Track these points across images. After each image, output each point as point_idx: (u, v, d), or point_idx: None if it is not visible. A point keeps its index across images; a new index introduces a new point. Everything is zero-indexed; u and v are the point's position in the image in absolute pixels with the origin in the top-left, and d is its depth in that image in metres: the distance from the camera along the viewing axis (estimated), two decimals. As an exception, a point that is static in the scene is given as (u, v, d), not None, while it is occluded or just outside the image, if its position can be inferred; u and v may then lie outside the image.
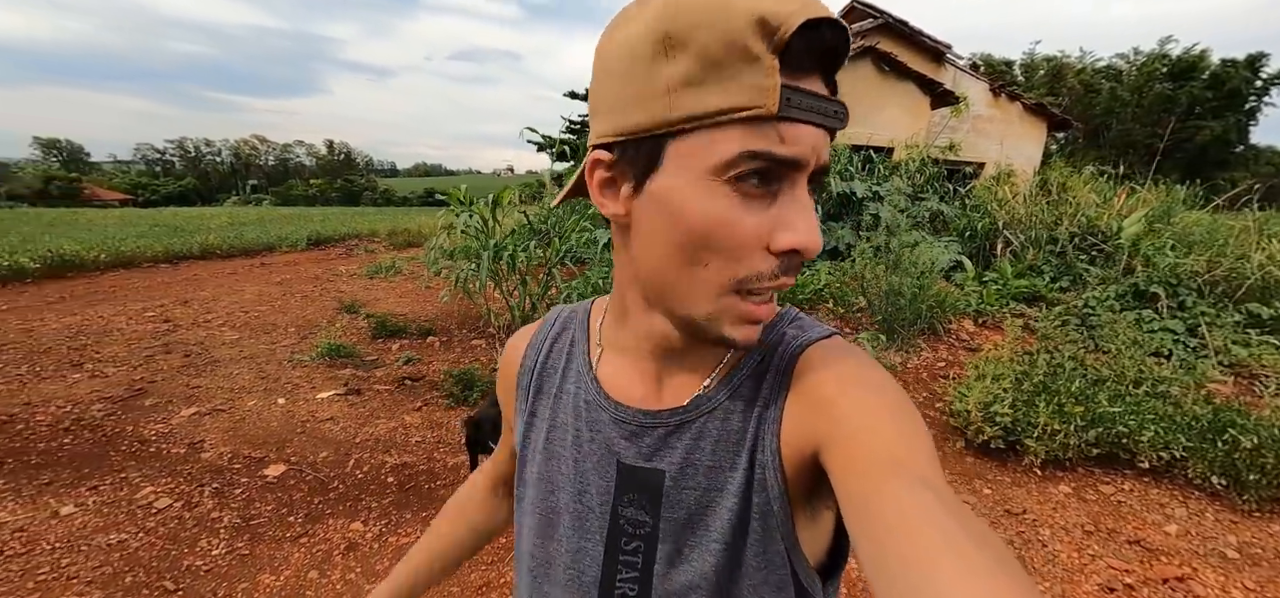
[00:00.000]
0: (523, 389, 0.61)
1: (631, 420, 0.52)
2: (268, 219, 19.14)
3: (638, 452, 0.51)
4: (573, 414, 0.56)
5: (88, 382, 4.07)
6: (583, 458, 0.54)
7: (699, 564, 0.48)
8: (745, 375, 0.50)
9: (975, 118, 10.38)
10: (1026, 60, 28.25)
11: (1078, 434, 3.01)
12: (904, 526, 0.33)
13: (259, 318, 5.92)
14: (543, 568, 0.56)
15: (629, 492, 0.51)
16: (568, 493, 0.55)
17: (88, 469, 2.92)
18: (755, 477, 0.47)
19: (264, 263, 10.02)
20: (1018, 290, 5.45)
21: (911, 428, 0.41)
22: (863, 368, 0.46)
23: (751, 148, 0.38)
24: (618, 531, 0.52)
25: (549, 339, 0.62)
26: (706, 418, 0.50)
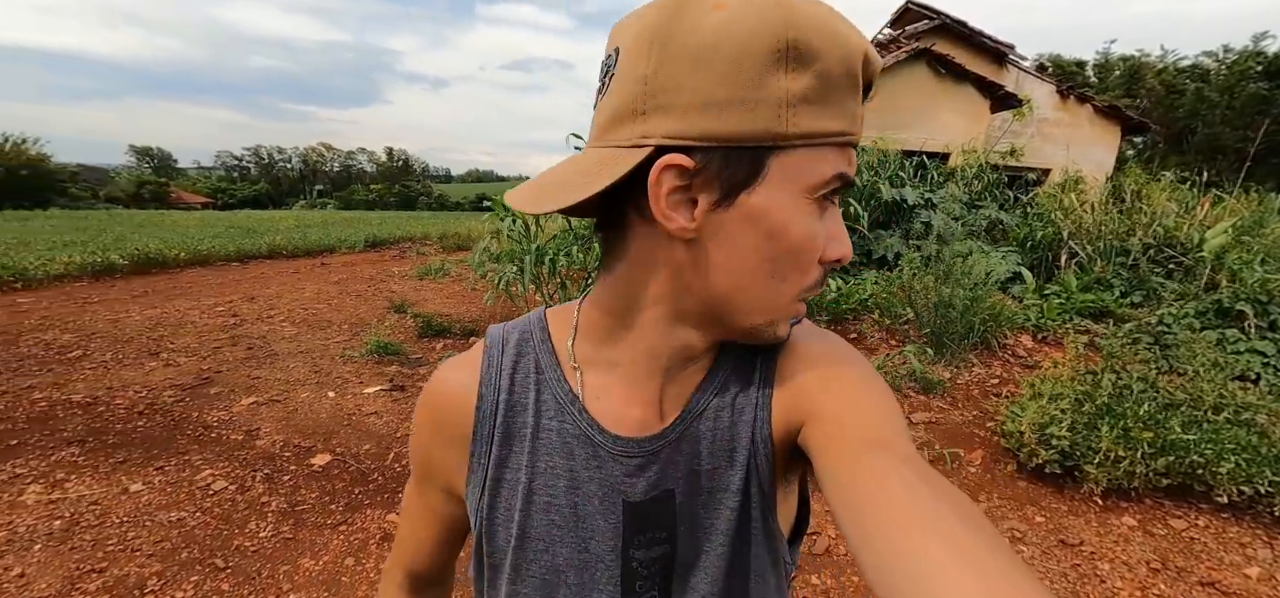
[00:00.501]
0: (483, 438, 0.50)
1: (636, 452, 0.47)
2: (330, 222, 20.20)
3: (647, 484, 0.47)
4: (563, 454, 0.48)
5: (162, 370, 4.39)
6: (583, 501, 0.48)
7: (712, 567, 0.48)
8: (728, 371, 0.50)
9: (1040, 121, 9.83)
10: (1100, 61, 26.55)
11: (1145, 462, 2.78)
12: (886, 499, 0.33)
13: (316, 315, 6.25)
14: None
15: (641, 532, 0.47)
16: (569, 546, 0.48)
17: (156, 450, 3.14)
18: (751, 466, 0.48)
19: (324, 263, 10.57)
20: (1083, 305, 5.10)
21: (887, 406, 0.42)
22: (835, 350, 0.48)
23: (841, 170, 0.41)
24: (631, 575, 0.48)
25: (506, 370, 0.51)
26: (699, 421, 0.49)
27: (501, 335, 0.53)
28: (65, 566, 2.23)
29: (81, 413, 3.58)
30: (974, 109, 9.02)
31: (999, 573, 0.28)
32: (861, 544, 0.33)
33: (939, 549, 0.29)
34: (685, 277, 0.43)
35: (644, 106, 0.39)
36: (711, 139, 0.38)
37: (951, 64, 8.76)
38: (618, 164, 0.40)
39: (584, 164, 0.42)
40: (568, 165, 0.44)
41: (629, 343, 0.47)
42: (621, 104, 0.40)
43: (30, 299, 6.62)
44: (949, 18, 9.99)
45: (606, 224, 0.47)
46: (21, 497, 2.67)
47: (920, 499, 0.33)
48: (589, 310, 0.50)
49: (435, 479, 0.55)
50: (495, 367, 0.51)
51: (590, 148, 0.44)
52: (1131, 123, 10.39)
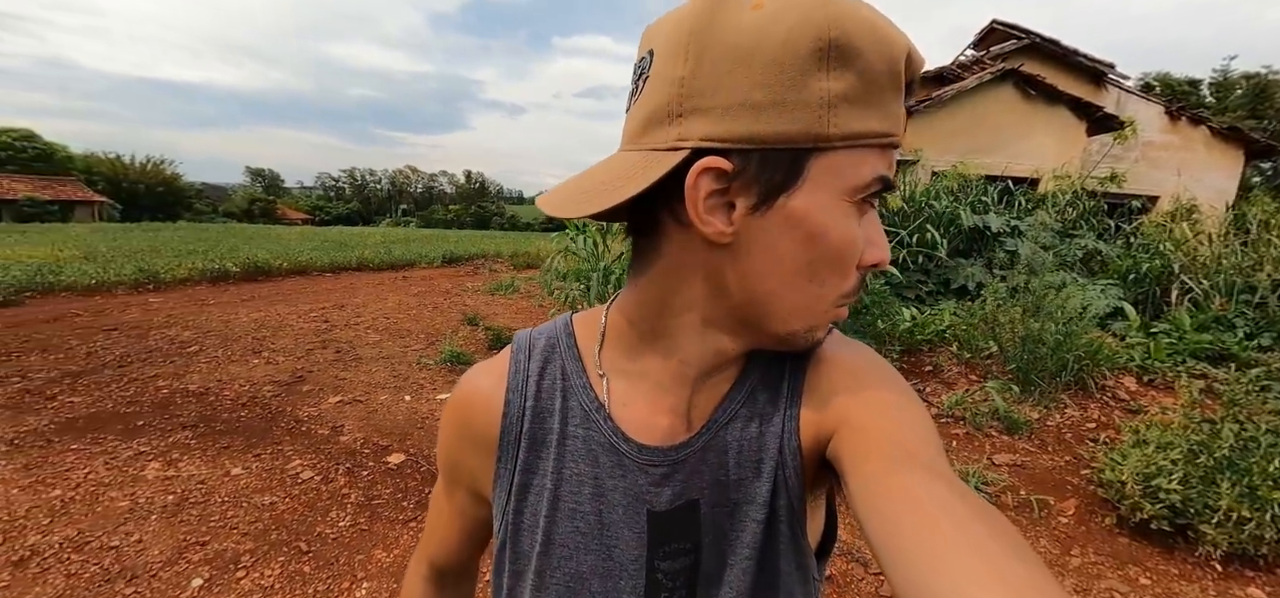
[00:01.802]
0: (509, 444, 0.50)
1: (661, 461, 0.47)
2: (412, 239, 21.53)
3: (672, 494, 0.47)
4: (588, 462, 0.48)
5: (263, 367, 4.82)
6: (608, 510, 0.48)
7: (737, 580, 0.46)
8: (756, 380, 0.49)
9: (1146, 145, 9.04)
10: (1218, 79, 24.08)
11: (1277, 527, 2.44)
12: (919, 517, 0.33)
13: (397, 324, 6.66)
14: None
15: (666, 543, 0.47)
16: (594, 554, 0.48)
17: (255, 439, 3.44)
18: (778, 478, 0.47)
19: (405, 276, 11.27)
20: (1198, 346, 4.58)
21: (920, 419, 0.41)
22: (864, 361, 0.47)
23: (881, 172, 0.40)
24: (655, 586, 0.47)
25: (532, 377, 0.51)
26: (726, 430, 0.47)
27: (528, 341, 0.53)
28: (175, 536, 2.48)
29: (195, 401, 3.99)
30: (1068, 132, 8.42)
31: None
32: (892, 564, 0.32)
33: (977, 573, 0.28)
34: (721, 282, 0.43)
35: (680, 108, 0.38)
36: (750, 141, 0.37)
37: (1042, 85, 8.24)
38: (654, 167, 0.39)
39: (619, 167, 0.41)
40: (602, 168, 0.43)
41: (659, 351, 0.47)
42: (657, 106, 0.39)
43: (159, 299, 7.48)
44: (1039, 36, 9.43)
45: (639, 229, 0.45)
46: (143, 472, 3.00)
47: (956, 519, 0.31)
48: (616, 317, 0.49)
49: (462, 481, 0.55)
50: (522, 373, 0.52)
51: (624, 151, 0.43)
52: (1257, 146, 9.33)
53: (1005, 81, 8.30)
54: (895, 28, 0.38)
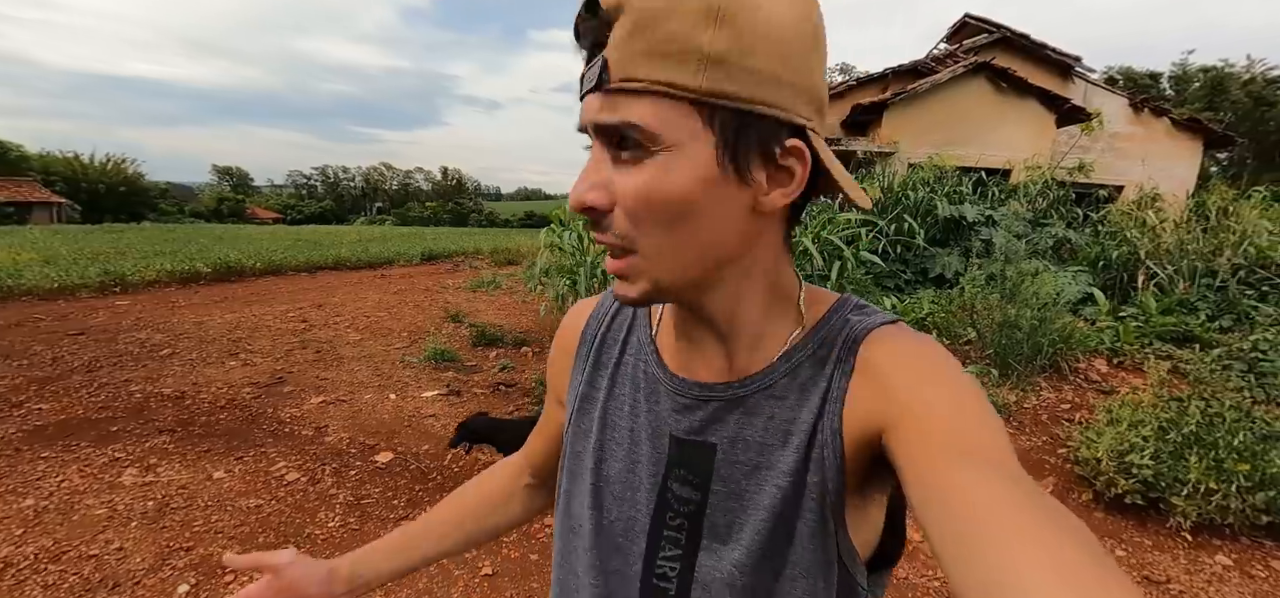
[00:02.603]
0: (582, 358, 0.60)
1: (687, 394, 0.51)
2: (389, 237, 21.19)
3: (691, 425, 0.50)
4: (631, 385, 0.55)
5: (241, 369, 4.70)
6: (638, 428, 0.53)
7: (747, 540, 0.47)
8: (804, 357, 0.48)
9: (1112, 136, 9.33)
10: (1177, 72, 24.96)
11: (1241, 497, 2.56)
12: (979, 513, 0.31)
13: (378, 323, 6.55)
14: (590, 536, 0.55)
15: (680, 467, 0.50)
16: (620, 463, 0.54)
17: (236, 442, 3.36)
18: (813, 456, 0.46)
19: (384, 275, 11.08)
20: (1164, 328, 4.77)
21: (983, 413, 0.39)
22: (929, 351, 0.44)
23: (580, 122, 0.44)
24: (664, 505, 0.51)
25: (610, 311, 0.60)
26: (761, 395, 0.48)
27: None
28: (158, 542, 2.42)
29: (171, 405, 3.88)
30: (1038, 124, 8.65)
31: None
32: (956, 564, 0.31)
33: (1047, 580, 0.27)
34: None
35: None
36: None
37: (1013, 78, 8.45)
38: None
39: None
40: None
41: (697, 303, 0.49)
42: None
43: (127, 302, 7.24)
44: (1009, 30, 9.66)
45: None
46: (120, 478, 2.92)
47: (1027, 519, 0.30)
48: None
49: (554, 390, 0.65)
50: (605, 306, 0.61)
51: None
52: (1214, 137, 9.71)
53: (978, 75, 8.48)
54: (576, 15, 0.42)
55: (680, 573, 0.50)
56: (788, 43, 0.38)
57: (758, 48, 0.37)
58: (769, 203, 0.42)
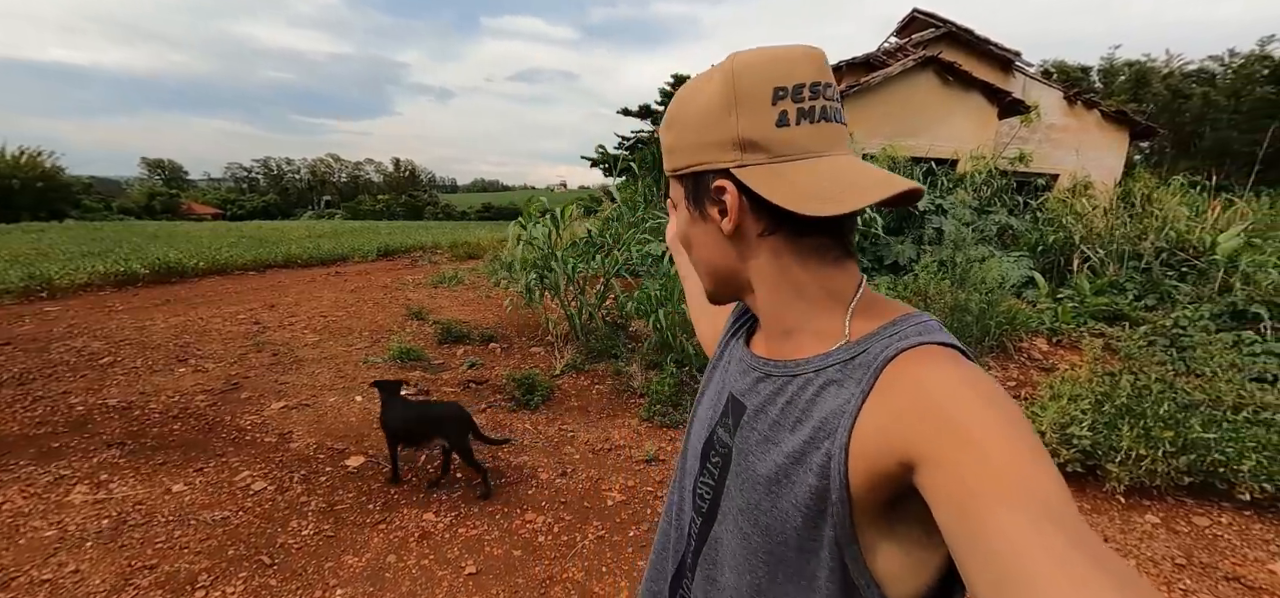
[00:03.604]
0: (727, 330, 0.73)
1: (747, 361, 0.62)
2: (341, 232, 20.40)
3: (740, 387, 0.61)
4: (729, 353, 0.69)
5: (191, 375, 4.49)
6: (720, 383, 0.67)
7: (751, 495, 0.54)
8: (838, 361, 0.51)
9: (1048, 127, 9.89)
10: (1105, 66, 26.56)
11: (1167, 461, 2.82)
12: (1022, 558, 0.30)
13: (336, 322, 6.34)
14: (682, 456, 0.71)
15: (727, 417, 0.61)
16: (706, 406, 0.68)
17: (194, 453, 3.23)
18: (815, 460, 0.48)
19: (338, 272, 10.69)
20: (1097, 308, 5.14)
21: (1030, 447, 0.36)
22: (967, 378, 0.42)
23: None
24: (710, 443, 0.63)
25: None
26: (789, 380, 0.55)
27: None
28: (117, 562, 2.31)
29: (118, 417, 3.67)
30: (982, 115, 9.09)
31: None
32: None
33: None
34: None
35: None
36: None
37: (959, 71, 8.83)
38: None
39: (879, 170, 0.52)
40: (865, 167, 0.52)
41: None
42: None
43: (57, 308, 6.75)
44: (955, 26, 10.07)
45: None
46: (68, 497, 2.76)
47: (1075, 572, 0.28)
48: None
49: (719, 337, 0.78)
50: None
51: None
52: (1139, 127, 10.43)
53: (926, 68, 8.83)
54: None
55: (711, 500, 0.61)
56: (705, 116, 0.53)
57: (685, 130, 0.55)
58: (727, 226, 0.55)
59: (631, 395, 4.18)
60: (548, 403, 4.07)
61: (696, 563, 0.63)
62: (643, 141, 13.78)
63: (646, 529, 2.64)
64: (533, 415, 3.87)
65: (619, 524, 2.68)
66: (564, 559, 2.41)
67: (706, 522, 0.62)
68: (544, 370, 4.61)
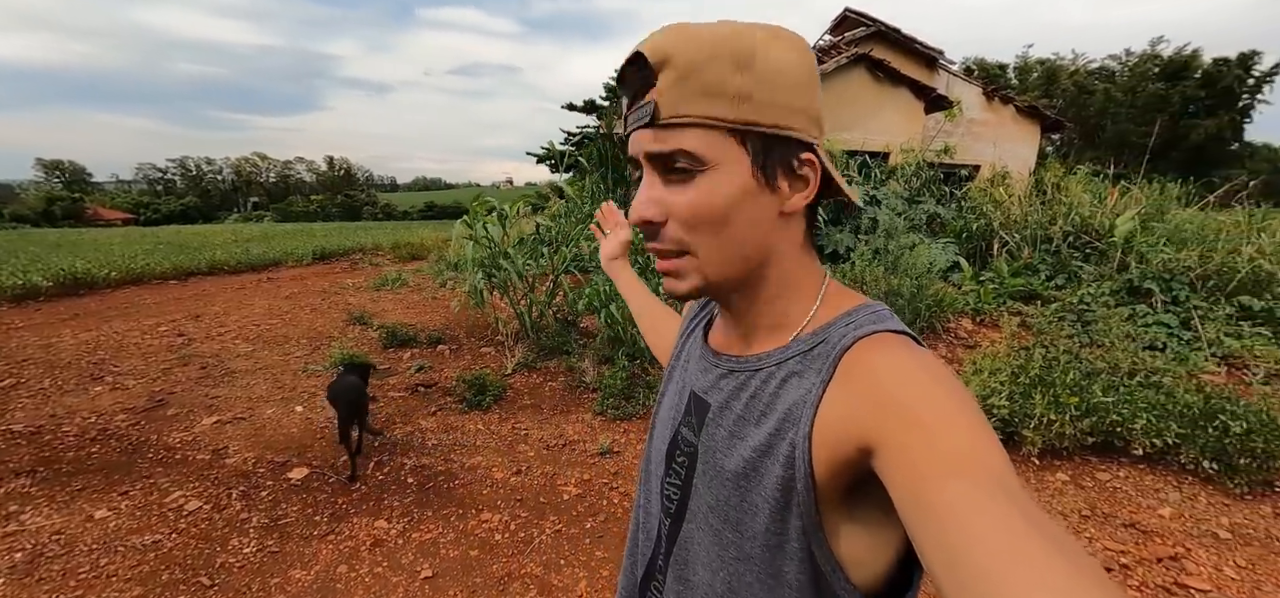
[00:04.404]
0: (684, 327, 0.75)
1: (707, 358, 0.62)
2: (271, 235, 19.30)
3: (703, 385, 0.61)
4: (688, 350, 0.69)
5: (109, 394, 4.17)
6: (680, 382, 0.67)
7: (720, 492, 0.54)
8: (798, 351, 0.52)
9: (970, 121, 10.54)
10: (1020, 64, 28.51)
11: (1073, 424, 3.11)
12: (971, 534, 0.31)
13: (271, 331, 6.03)
14: (645, 460, 0.71)
15: (690, 415, 0.61)
16: (667, 406, 0.68)
17: (117, 476, 3.02)
18: (781, 450, 0.48)
19: (270, 278, 10.14)
20: (1014, 289, 5.56)
21: (976, 427, 0.38)
22: (920, 363, 0.44)
23: (631, 154, 0.54)
24: (675, 443, 0.63)
25: None
26: (751, 375, 0.55)
27: None
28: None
29: (26, 443, 3.38)
30: (910, 110, 9.59)
31: None
32: (949, 585, 0.31)
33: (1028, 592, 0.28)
34: None
35: None
36: None
37: (888, 68, 9.29)
38: None
39: None
40: None
41: None
42: None
43: (-57, 328, 6.10)
44: (884, 25, 10.57)
45: None
46: (-28, 532, 2.53)
47: (1021, 541, 0.30)
48: None
49: None
50: None
51: None
52: (1049, 121, 11.27)
53: (858, 65, 9.23)
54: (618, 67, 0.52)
55: (679, 500, 0.60)
56: (794, 79, 0.48)
57: (774, 83, 0.48)
58: (792, 205, 0.51)
59: (584, 391, 4.21)
60: (500, 403, 4.04)
61: (668, 564, 0.61)
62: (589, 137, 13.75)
63: (603, 521, 2.69)
64: (485, 416, 3.84)
65: (576, 517, 2.71)
66: (521, 556, 2.43)
67: (676, 522, 0.60)
68: (495, 370, 4.56)
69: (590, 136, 16.28)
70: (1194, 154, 24.01)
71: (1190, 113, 24.61)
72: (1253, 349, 4.29)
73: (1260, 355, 4.20)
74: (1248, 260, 5.08)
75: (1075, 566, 0.29)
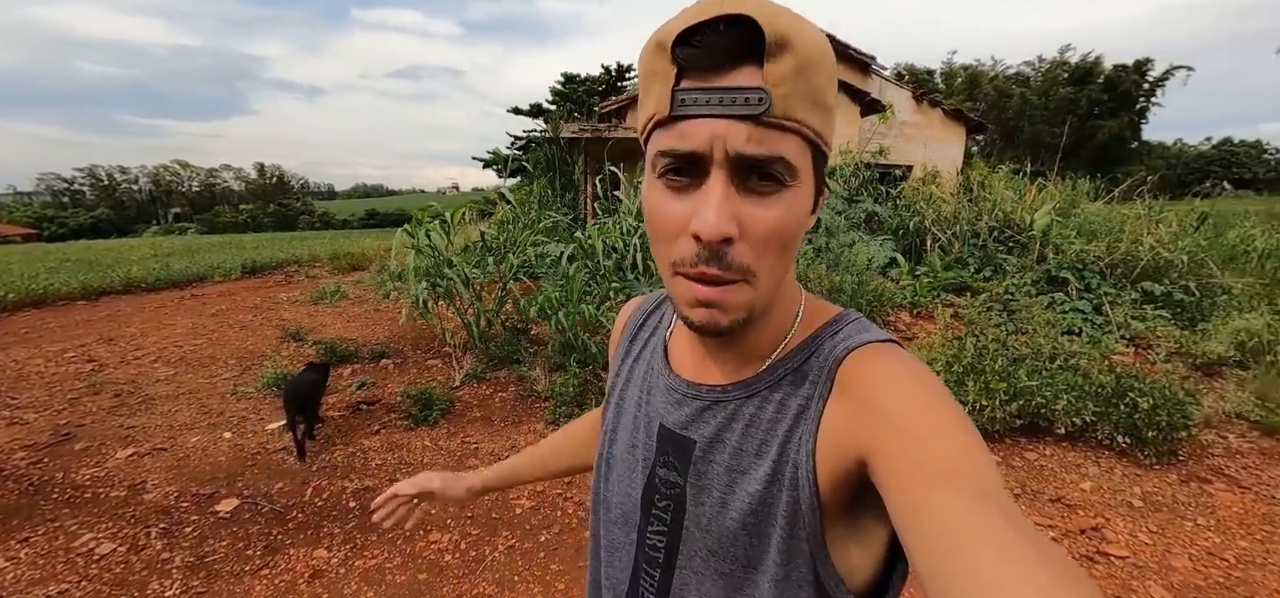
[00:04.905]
0: (622, 347, 0.67)
1: (678, 390, 0.56)
2: (196, 248, 18.06)
3: (678, 419, 0.55)
4: (642, 377, 0.62)
5: (6, 430, 3.78)
6: (639, 416, 0.60)
7: (723, 531, 0.50)
8: (789, 370, 0.50)
9: (902, 124, 11.06)
10: (946, 69, 30.21)
11: (1002, 408, 3.30)
12: (961, 540, 0.32)
13: (195, 352, 5.63)
14: (604, 507, 0.62)
15: (666, 454, 0.55)
16: (624, 444, 0.61)
17: (16, 521, 2.73)
18: (786, 474, 0.47)
19: (195, 294, 9.47)
20: (946, 282, 5.86)
21: (965, 435, 0.39)
22: (914, 374, 0.44)
23: (661, 147, 0.43)
24: (653, 487, 0.56)
25: (648, 310, 0.68)
26: (742, 402, 0.51)
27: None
28: (-87, 665, 1.91)
29: (-98, 491, 3.01)
30: (847, 113, 9.98)
31: None
32: (931, 589, 0.32)
33: None
34: None
35: None
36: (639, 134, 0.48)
37: (827, 73, 9.63)
38: None
39: None
40: None
41: None
42: None
43: None
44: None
45: None
46: None
47: (1007, 546, 0.30)
48: None
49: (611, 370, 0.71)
50: (645, 306, 0.70)
51: None
52: (973, 123, 11.99)
53: (799, 70, 9.53)
54: (672, 20, 0.42)
55: (666, 548, 0.55)
56: (833, 84, 0.44)
57: (828, 87, 0.43)
58: (810, 223, 0.47)
59: (536, 400, 4.13)
60: (448, 416, 3.92)
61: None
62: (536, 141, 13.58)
63: (558, 532, 2.64)
64: (432, 431, 3.71)
65: (530, 531, 2.65)
66: (474, 575, 2.35)
67: (666, 572, 0.55)
68: (442, 383, 4.42)
69: (537, 141, 16.09)
70: (1100, 152, 26.14)
71: (1095, 114, 26.80)
72: (1155, 330, 4.68)
73: (1162, 336, 4.59)
74: (1149, 249, 5.55)
75: (1059, 570, 0.29)
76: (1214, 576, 2.32)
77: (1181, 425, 3.12)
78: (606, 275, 5.02)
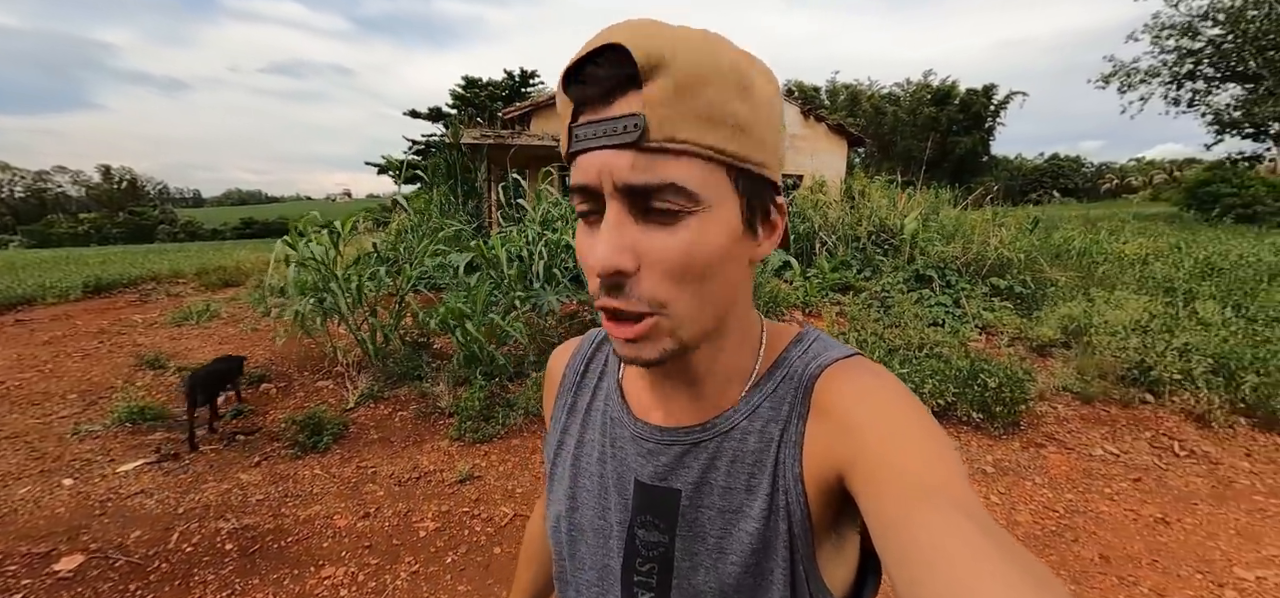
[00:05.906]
0: (561, 404, 0.61)
1: (650, 438, 0.51)
2: (21, 264, 15.38)
3: (655, 471, 0.51)
4: (600, 432, 0.56)
5: None
6: (606, 475, 0.54)
7: (721, 585, 0.47)
8: (764, 396, 0.49)
9: (792, 137, 11.87)
10: (830, 87, 32.82)
11: (881, 395, 3.66)
12: (939, 553, 0.32)
13: (22, 387, 4.81)
14: (571, 585, 0.56)
15: (645, 512, 0.51)
16: (591, 510, 0.54)
17: None
18: (779, 504, 0.46)
19: (20, 320, 8.06)
20: (833, 282, 6.38)
21: (941, 450, 0.39)
22: (886, 388, 0.44)
23: (571, 184, 0.43)
24: (633, 551, 0.51)
25: (586, 356, 0.61)
26: (722, 438, 0.49)
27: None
28: None
29: None
30: (744, 125, 10.56)
31: None
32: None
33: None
34: None
35: None
36: None
37: (724, 87, 10.13)
38: None
39: None
40: None
41: None
42: None
43: None
44: (718, 46, 11.52)
45: None
46: None
47: (982, 559, 0.31)
48: None
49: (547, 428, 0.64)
50: (582, 351, 0.63)
51: None
52: (854, 137, 13.14)
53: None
54: (575, 58, 0.40)
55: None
56: (775, 116, 0.43)
57: (764, 118, 0.41)
58: (761, 253, 0.45)
59: (439, 416, 3.97)
60: (341, 441, 3.66)
61: None
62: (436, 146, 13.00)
63: (465, 552, 2.57)
64: (323, 459, 3.45)
65: (435, 553, 2.55)
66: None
67: None
68: (334, 406, 4.12)
69: (438, 146, 15.45)
70: (959, 165, 29.62)
71: (954, 131, 30.33)
72: (1001, 319, 5.40)
73: (1006, 324, 5.30)
74: (994, 249, 6.39)
75: (1035, 576, 0.30)
76: (1048, 526, 2.73)
77: (1021, 400, 3.63)
78: (511, 285, 4.94)
